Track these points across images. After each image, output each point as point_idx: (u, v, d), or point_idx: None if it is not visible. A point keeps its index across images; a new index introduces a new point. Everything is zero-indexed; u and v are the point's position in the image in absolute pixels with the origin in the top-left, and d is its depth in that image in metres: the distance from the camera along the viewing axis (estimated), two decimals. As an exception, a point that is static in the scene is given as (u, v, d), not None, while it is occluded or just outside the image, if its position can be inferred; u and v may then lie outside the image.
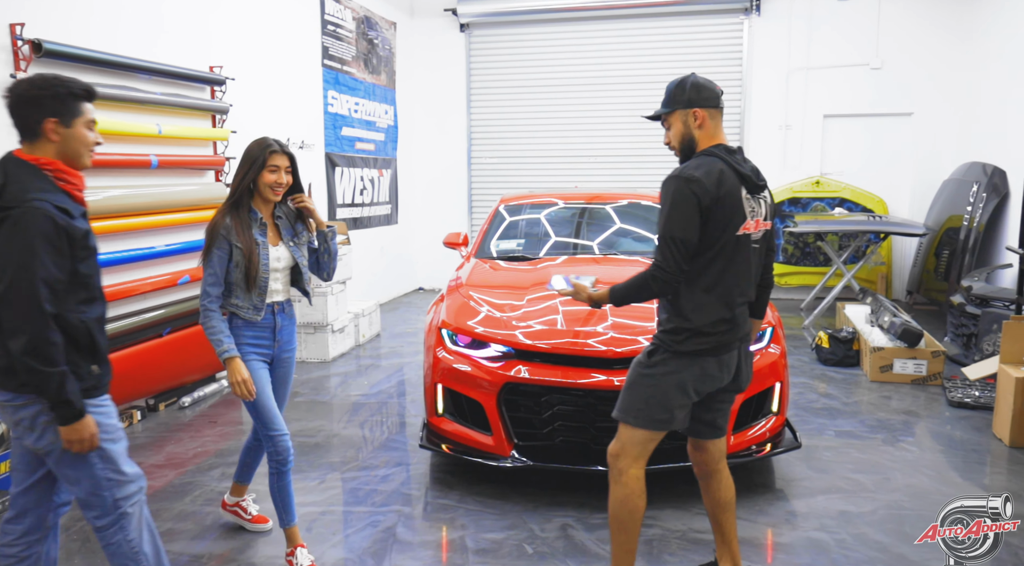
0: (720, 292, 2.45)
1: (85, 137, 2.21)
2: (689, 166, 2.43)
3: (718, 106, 2.51)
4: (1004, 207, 7.15)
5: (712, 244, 2.41)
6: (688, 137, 2.51)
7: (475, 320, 3.98)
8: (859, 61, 8.75)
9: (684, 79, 2.54)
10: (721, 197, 2.38)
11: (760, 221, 2.52)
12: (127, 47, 4.78)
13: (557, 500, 3.61)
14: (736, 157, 2.49)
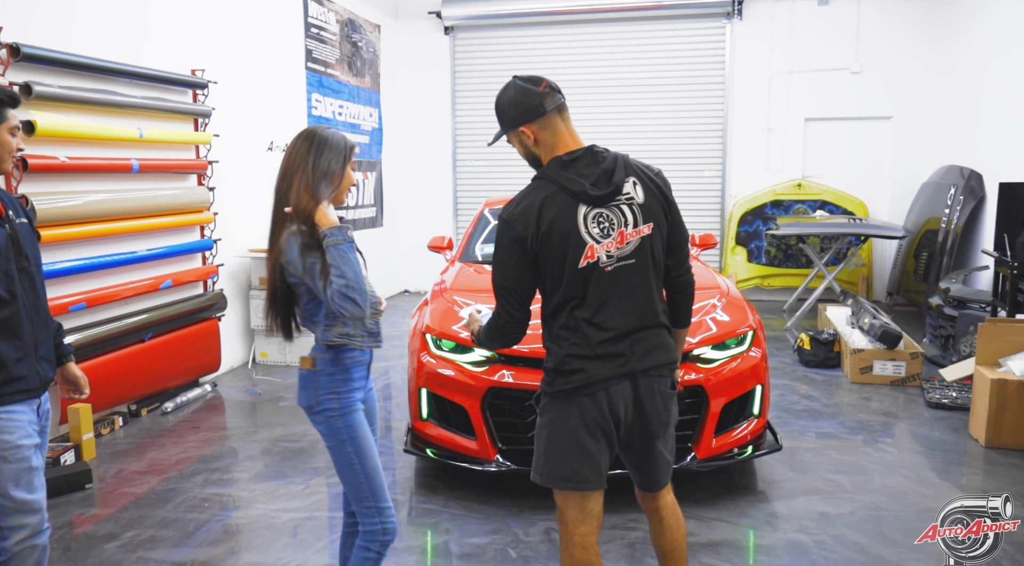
0: (577, 328, 2.11)
1: (8, 143, 2.21)
2: (514, 200, 2.14)
3: (543, 113, 2.14)
4: (981, 210, 7.26)
5: (555, 283, 2.11)
6: (530, 155, 2.21)
7: (459, 325, 3.99)
8: (839, 65, 8.85)
9: (500, 95, 2.21)
10: (546, 232, 2.06)
11: (626, 233, 2.11)
12: (110, 51, 4.75)
13: (541, 504, 3.63)
14: (575, 168, 2.11)
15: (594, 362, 2.10)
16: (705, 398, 3.65)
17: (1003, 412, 4.28)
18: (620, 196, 2.12)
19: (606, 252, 2.10)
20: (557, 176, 2.11)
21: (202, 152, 5.69)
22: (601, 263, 2.09)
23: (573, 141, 2.19)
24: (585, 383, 2.10)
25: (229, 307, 5.98)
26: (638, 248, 2.13)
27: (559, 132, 2.18)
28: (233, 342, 6.22)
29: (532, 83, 2.18)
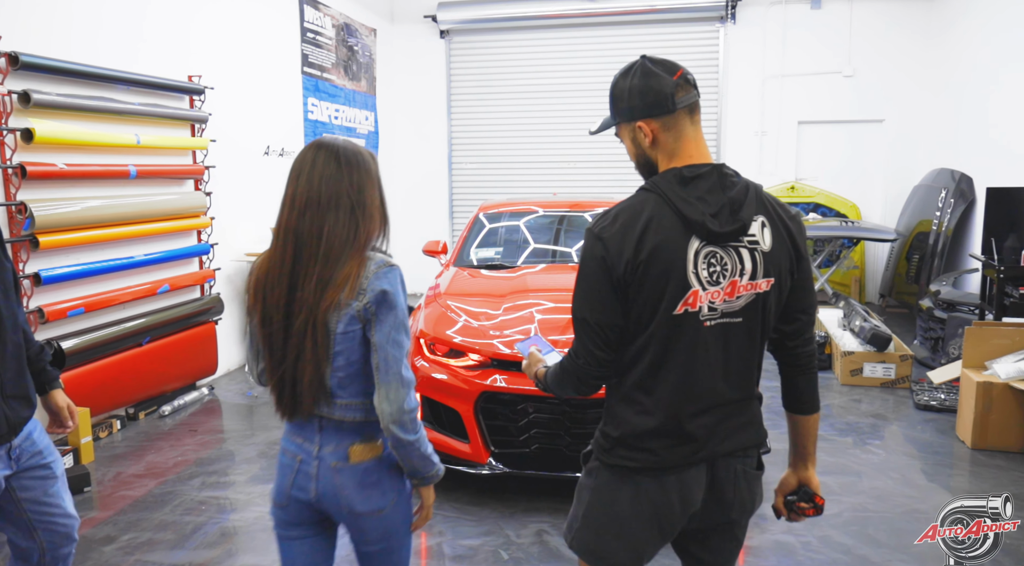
0: (659, 393, 1.67)
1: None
2: (611, 213, 1.69)
3: (671, 109, 1.65)
4: (971, 213, 7.33)
5: (642, 327, 1.65)
6: (643, 158, 1.74)
7: (453, 329, 4.05)
8: (832, 69, 8.92)
9: (623, 75, 1.73)
10: (644, 262, 1.60)
11: (739, 284, 1.65)
12: (107, 58, 4.80)
13: (533, 506, 3.69)
14: (696, 188, 1.64)
15: (669, 441, 1.68)
16: (694, 402, 3.70)
17: (989, 414, 4.35)
18: (743, 237, 1.65)
19: (710, 302, 1.64)
20: (672, 193, 1.63)
21: (199, 157, 5.73)
22: (702, 315, 1.64)
23: (699, 152, 1.70)
24: (653, 467, 1.69)
25: (226, 310, 6.03)
26: (749, 305, 1.67)
27: (685, 137, 1.69)
28: (230, 345, 6.27)
29: (665, 70, 1.69)
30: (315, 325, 1.71)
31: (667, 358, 1.66)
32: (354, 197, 1.74)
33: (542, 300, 4.33)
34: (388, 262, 1.77)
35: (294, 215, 1.73)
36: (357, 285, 1.72)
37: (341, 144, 1.79)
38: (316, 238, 1.71)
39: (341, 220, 1.73)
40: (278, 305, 1.74)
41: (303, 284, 1.72)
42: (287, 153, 7.18)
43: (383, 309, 1.72)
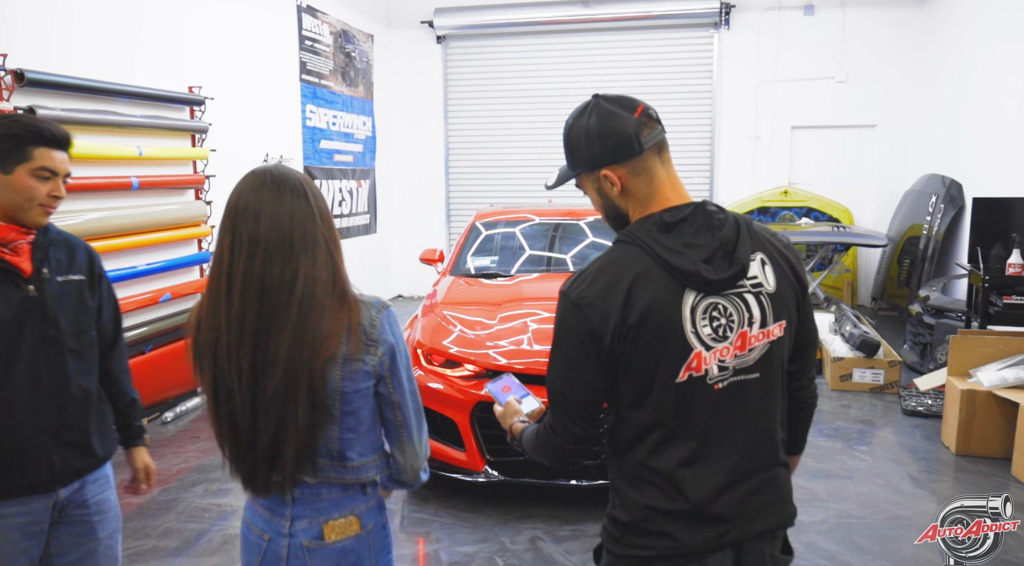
0: (672, 470, 1.45)
1: (28, 188, 1.82)
2: (587, 272, 1.46)
3: (638, 152, 1.46)
4: (961, 218, 7.43)
5: (638, 398, 1.45)
6: (611, 209, 1.54)
7: (449, 340, 4.14)
8: (825, 74, 9.02)
9: (575, 121, 1.53)
10: (634, 326, 1.40)
11: (749, 335, 1.45)
12: (107, 71, 4.88)
13: (527, 513, 3.79)
14: (681, 233, 1.44)
15: (689, 525, 1.45)
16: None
17: (972, 421, 4.45)
18: (744, 281, 1.45)
19: (718, 362, 1.43)
20: (655, 243, 1.43)
21: (199, 167, 5.82)
22: (710, 378, 1.44)
23: (676, 193, 1.50)
24: (672, 554, 1.45)
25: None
26: (764, 357, 1.47)
27: (657, 179, 1.49)
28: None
29: (623, 107, 1.49)
30: (311, 386, 1.45)
31: (677, 431, 1.44)
32: (327, 233, 1.52)
33: (537, 310, 4.43)
34: (384, 303, 1.58)
35: (256, 262, 1.45)
36: (363, 335, 1.50)
37: (291, 172, 1.56)
38: (288, 286, 1.45)
39: (318, 262, 1.48)
40: (239, 369, 1.46)
41: (276, 341, 1.45)
42: (286, 160, 7.27)
43: (398, 362, 1.54)
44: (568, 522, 3.68)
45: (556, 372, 1.49)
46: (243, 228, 1.47)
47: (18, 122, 1.82)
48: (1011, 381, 4.37)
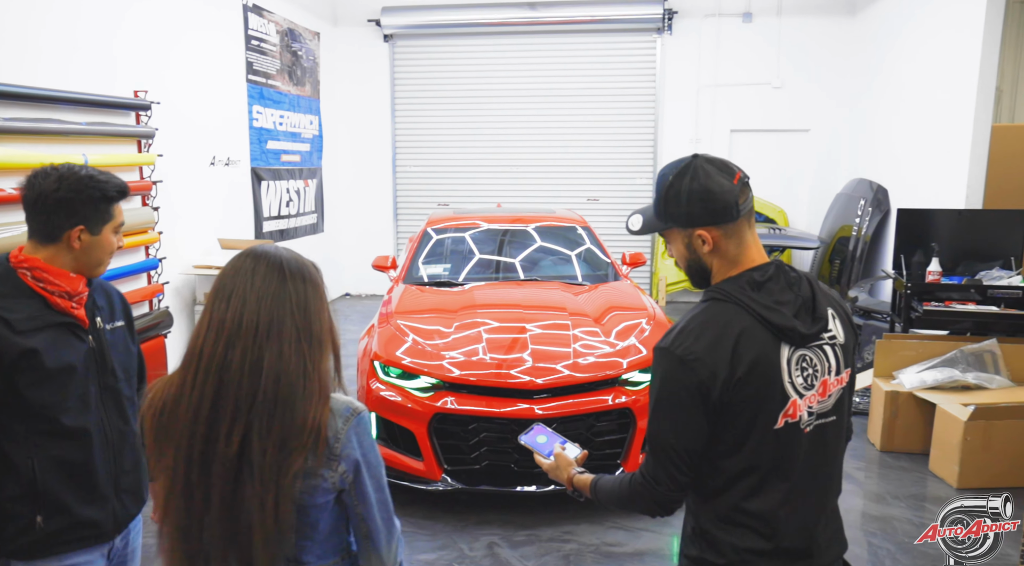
0: (768, 511, 1.55)
1: (111, 244, 1.90)
2: (688, 329, 1.54)
3: (735, 217, 1.55)
4: (887, 221, 7.86)
5: (735, 445, 1.54)
6: (696, 264, 1.63)
7: (406, 351, 4.24)
8: (762, 80, 9.36)
9: (679, 176, 1.58)
10: (741, 379, 1.49)
11: (829, 382, 1.58)
12: (49, 77, 4.77)
13: (484, 519, 3.94)
14: (770, 292, 1.55)
15: (781, 562, 1.57)
16: (632, 419, 4.01)
17: (895, 420, 4.79)
18: (824, 333, 1.59)
19: (807, 409, 1.56)
20: (753, 302, 1.53)
21: (146, 172, 5.74)
22: (802, 423, 1.56)
23: (760, 255, 1.61)
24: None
25: (175, 323, 6.06)
26: (838, 401, 1.62)
27: (746, 242, 1.59)
28: (178, 357, 6.29)
29: (724, 173, 1.57)
30: (277, 497, 1.35)
31: (772, 474, 1.54)
32: (299, 321, 1.41)
33: (489, 319, 4.55)
34: (355, 408, 1.46)
35: (220, 345, 1.37)
36: (326, 449, 1.40)
37: (284, 254, 1.47)
38: (249, 378, 1.36)
39: (285, 353, 1.38)
40: (189, 463, 1.38)
41: (228, 436, 1.36)
42: (232, 162, 7.20)
43: (363, 477, 1.45)
44: (524, 527, 3.85)
45: (663, 424, 1.55)
46: (217, 306, 1.41)
47: (97, 182, 1.84)
48: (930, 383, 4.71)
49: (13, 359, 1.73)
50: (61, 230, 1.81)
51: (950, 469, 4.35)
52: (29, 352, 1.75)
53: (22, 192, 1.83)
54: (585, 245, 5.82)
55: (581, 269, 5.59)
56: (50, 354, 1.78)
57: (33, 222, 1.83)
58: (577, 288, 5.21)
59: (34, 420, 1.78)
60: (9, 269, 1.82)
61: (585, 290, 5.16)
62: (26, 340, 1.75)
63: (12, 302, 1.77)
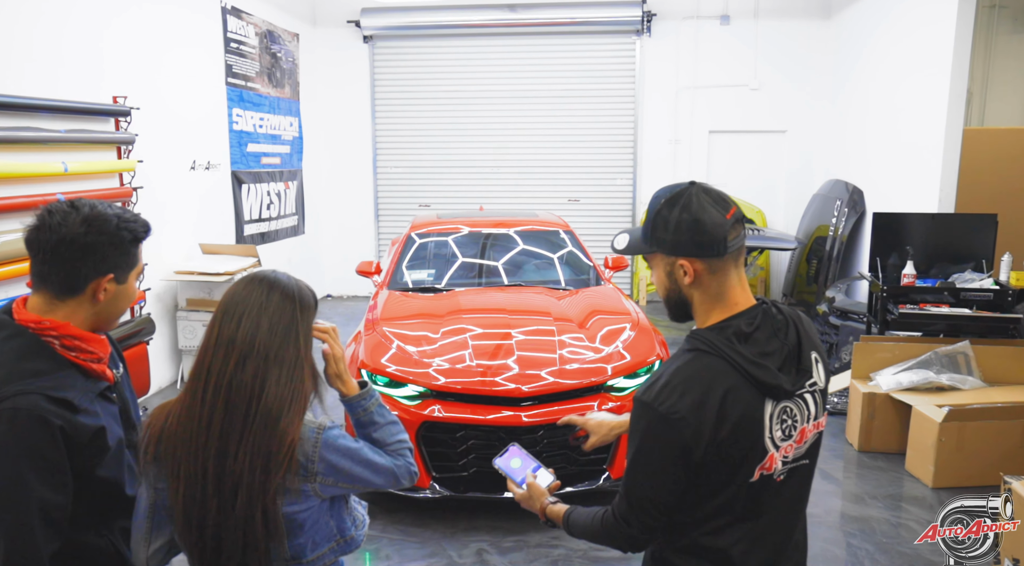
0: (723, 549, 1.56)
1: (135, 293, 1.70)
2: (673, 384, 1.50)
3: (722, 253, 1.51)
4: (862, 222, 8.00)
5: (710, 494, 1.54)
6: (675, 295, 1.59)
7: (391, 358, 4.26)
8: (740, 81, 9.47)
9: (670, 202, 1.54)
10: (725, 440, 1.48)
11: (807, 430, 1.58)
12: (27, 85, 4.73)
13: (472, 526, 3.98)
14: (756, 343, 1.52)
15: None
16: (618, 424, 4.06)
17: (872, 421, 4.91)
18: (807, 384, 1.57)
19: (783, 458, 1.55)
20: (739, 357, 1.48)
21: (126, 179, 5.70)
22: (776, 473, 1.54)
23: (744, 296, 1.56)
24: None
25: (156, 330, 6.03)
26: (813, 445, 1.61)
27: (729, 282, 1.54)
28: (160, 363, 6.28)
29: (718, 205, 1.52)
30: (264, 512, 1.46)
31: (740, 518, 1.55)
32: (302, 349, 1.53)
33: (473, 325, 4.59)
34: (319, 425, 1.55)
35: (231, 363, 1.45)
36: (300, 468, 1.50)
37: (293, 284, 1.58)
38: (255, 397, 1.45)
39: (283, 378, 1.49)
40: (204, 475, 1.45)
41: (236, 453, 1.45)
42: (213, 166, 7.16)
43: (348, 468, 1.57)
44: (512, 533, 3.90)
45: (640, 478, 1.53)
46: (226, 325, 1.48)
47: (126, 223, 1.62)
48: (905, 384, 4.83)
49: (85, 442, 1.52)
50: (87, 280, 1.56)
51: (926, 469, 4.47)
52: (98, 432, 1.55)
53: (34, 235, 1.55)
54: (568, 249, 5.87)
55: (564, 273, 5.64)
56: (109, 428, 1.59)
57: (49, 271, 1.55)
58: (561, 293, 5.26)
59: (102, 498, 1.61)
60: (32, 336, 1.53)
61: (568, 295, 5.21)
62: (91, 420, 1.54)
63: (60, 379, 1.51)
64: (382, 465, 1.64)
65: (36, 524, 1.43)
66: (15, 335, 1.54)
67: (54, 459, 1.45)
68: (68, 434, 1.47)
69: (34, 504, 1.43)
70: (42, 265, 1.56)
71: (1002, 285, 5.20)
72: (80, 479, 1.52)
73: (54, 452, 1.45)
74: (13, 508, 1.42)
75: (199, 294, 6.25)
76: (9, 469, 1.42)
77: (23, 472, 1.42)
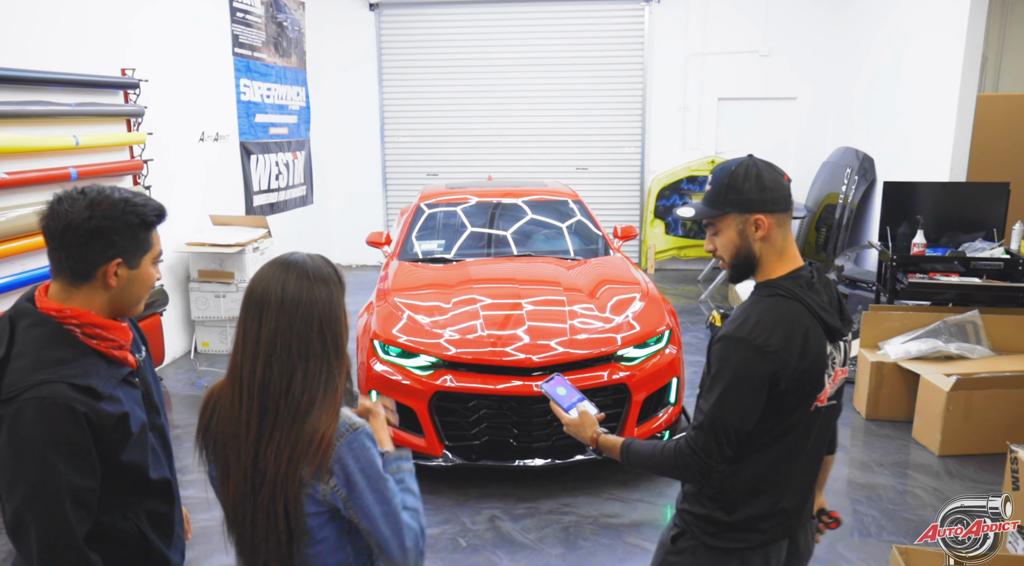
0: (776, 481, 1.78)
1: (151, 277, 1.68)
2: (763, 322, 1.69)
3: (788, 208, 1.76)
4: (872, 190, 7.96)
5: (774, 426, 1.74)
6: (745, 252, 1.77)
7: (404, 329, 4.30)
8: (750, 48, 9.35)
9: (740, 169, 1.75)
10: (805, 371, 1.70)
11: (839, 372, 1.82)
12: (34, 59, 4.72)
13: (485, 493, 4.06)
14: (817, 292, 1.75)
15: (777, 521, 1.81)
16: (628, 393, 4.12)
17: (881, 389, 4.94)
18: (848, 332, 1.83)
19: (828, 394, 1.80)
20: (813, 302, 1.73)
21: (136, 152, 5.71)
22: (824, 407, 1.81)
23: (797, 252, 1.81)
24: (764, 541, 1.81)
25: (170, 301, 6.09)
26: (840, 389, 1.86)
27: (790, 238, 1.79)
28: (174, 334, 6.35)
29: (775, 171, 1.78)
30: (287, 507, 1.44)
31: (792, 448, 1.77)
32: (327, 336, 1.47)
33: (485, 296, 4.62)
34: (352, 424, 1.49)
35: (259, 366, 1.44)
36: (322, 462, 1.44)
37: (311, 265, 1.50)
38: (283, 394, 1.44)
39: (311, 369, 1.45)
40: (245, 473, 1.46)
41: (266, 450, 1.44)
42: (221, 137, 7.15)
43: (357, 489, 1.46)
44: (523, 500, 3.97)
45: (730, 406, 1.70)
46: (251, 321, 1.46)
47: (134, 206, 1.60)
48: (914, 353, 4.86)
49: (109, 428, 1.54)
50: (95, 266, 1.57)
51: (932, 437, 4.51)
52: (122, 418, 1.57)
53: (44, 222, 1.57)
54: (576, 218, 5.88)
55: (573, 243, 5.66)
56: (132, 413, 1.61)
57: (60, 258, 1.57)
58: (570, 262, 5.28)
59: (127, 482, 1.63)
60: (55, 324, 1.55)
61: (578, 264, 5.24)
62: (114, 407, 1.56)
63: (83, 367, 1.53)
64: (396, 510, 1.50)
65: (68, 508, 1.46)
66: (38, 323, 1.55)
67: (81, 445, 1.49)
68: (92, 421, 1.50)
69: (64, 489, 1.46)
70: (54, 251, 1.58)
71: (1013, 254, 5.19)
72: (105, 464, 1.55)
73: (81, 438, 1.48)
74: (44, 495, 1.45)
75: (211, 265, 6.29)
76: (38, 457, 1.45)
77: (52, 459, 1.45)
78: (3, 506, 1.51)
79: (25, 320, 1.56)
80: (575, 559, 3.49)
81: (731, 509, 1.80)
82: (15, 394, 1.46)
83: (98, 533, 1.55)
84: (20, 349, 1.51)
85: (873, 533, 3.69)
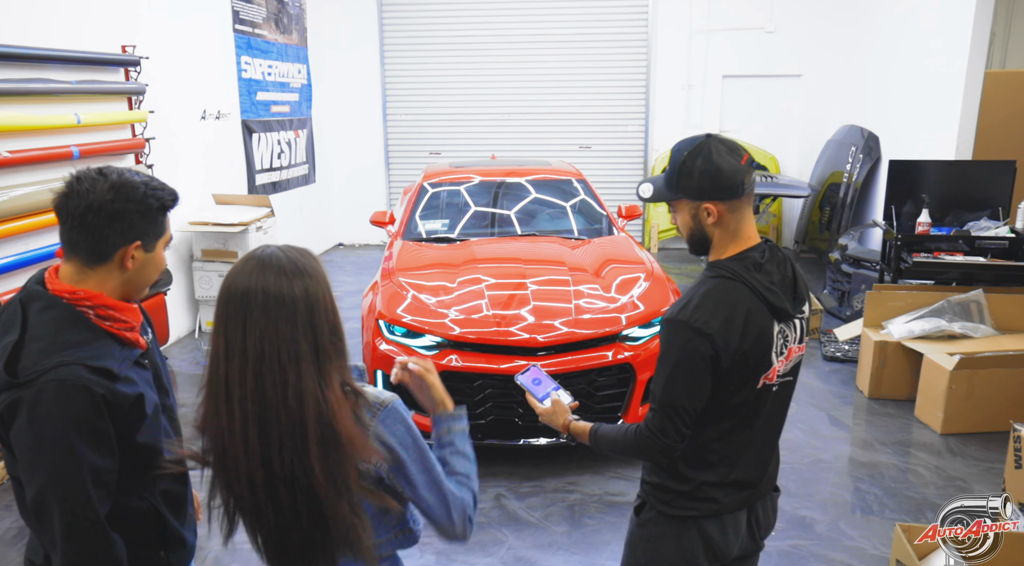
0: (725, 453, 1.85)
1: (163, 262, 1.70)
2: (703, 305, 1.73)
3: (740, 194, 1.76)
4: (877, 169, 7.92)
5: (723, 404, 1.80)
6: (699, 234, 1.82)
7: (409, 309, 4.30)
8: (755, 24, 9.26)
9: (693, 154, 1.76)
10: (746, 351, 1.74)
11: (793, 349, 1.86)
12: (33, 36, 4.68)
13: (490, 471, 4.09)
14: (767, 272, 1.78)
15: (730, 491, 1.88)
16: (632, 374, 4.13)
17: (883, 369, 4.96)
18: (802, 308, 1.87)
19: (779, 372, 1.84)
20: (758, 283, 1.75)
21: (138, 130, 5.68)
22: (774, 385, 1.84)
23: (754, 232, 1.83)
24: (716, 513, 1.88)
25: (173, 281, 6.10)
26: (796, 365, 1.90)
27: (746, 220, 1.81)
28: (178, 313, 6.36)
29: (733, 154, 1.76)
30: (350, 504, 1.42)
31: (740, 423, 1.83)
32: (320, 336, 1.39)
33: (489, 275, 4.61)
34: (382, 401, 1.48)
35: (248, 376, 1.35)
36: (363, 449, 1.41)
37: (284, 260, 1.40)
38: (284, 404, 1.36)
39: (304, 374, 1.37)
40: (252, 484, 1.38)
41: (280, 458, 1.36)
42: (223, 115, 7.11)
43: (403, 461, 1.47)
44: (528, 479, 4.01)
45: (676, 387, 1.76)
46: (233, 330, 1.36)
47: (154, 190, 1.60)
48: (917, 333, 4.86)
49: (125, 408, 1.54)
50: (115, 247, 1.56)
51: (935, 416, 4.54)
52: (137, 399, 1.57)
53: (62, 201, 1.54)
54: (580, 197, 5.86)
55: (578, 223, 5.64)
56: (146, 394, 1.61)
57: (78, 238, 1.55)
58: (574, 242, 5.27)
59: (143, 463, 1.63)
60: (68, 307, 1.54)
61: (582, 244, 5.23)
62: (130, 388, 1.56)
63: (98, 349, 1.53)
64: (439, 478, 1.50)
65: (90, 488, 1.48)
66: (50, 306, 1.54)
67: (100, 426, 1.49)
68: (110, 402, 1.51)
69: (86, 470, 1.48)
70: (71, 232, 1.56)
71: (1018, 233, 5.18)
72: (121, 445, 1.55)
73: (99, 420, 1.49)
74: (67, 476, 1.47)
75: (214, 244, 6.29)
76: (60, 440, 1.46)
77: (72, 441, 1.46)
78: (23, 488, 1.52)
79: (37, 303, 1.55)
80: (580, 537, 3.53)
81: (680, 478, 1.87)
82: (33, 377, 1.46)
83: (116, 513, 1.57)
84: (34, 332, 1.50)
85: (875, 511, 3.72)
